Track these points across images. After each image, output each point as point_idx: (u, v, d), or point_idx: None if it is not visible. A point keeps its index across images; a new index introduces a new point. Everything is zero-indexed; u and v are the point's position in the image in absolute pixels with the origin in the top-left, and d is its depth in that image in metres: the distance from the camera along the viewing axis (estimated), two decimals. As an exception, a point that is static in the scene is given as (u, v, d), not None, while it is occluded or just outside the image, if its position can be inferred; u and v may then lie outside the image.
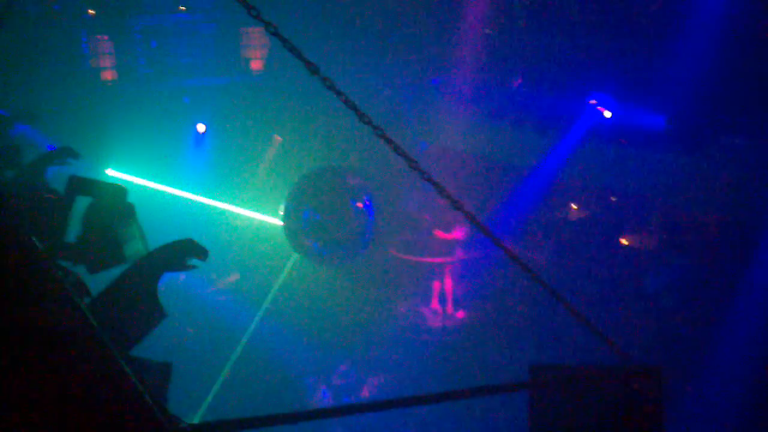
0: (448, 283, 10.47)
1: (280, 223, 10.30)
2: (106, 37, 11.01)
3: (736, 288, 8.86)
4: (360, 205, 9.99)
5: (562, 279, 8.66)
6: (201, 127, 11.10)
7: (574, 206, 10.49)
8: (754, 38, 8.88)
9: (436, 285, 10.54)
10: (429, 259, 10.46)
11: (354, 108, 4.02)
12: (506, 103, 10.34)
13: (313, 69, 3.96)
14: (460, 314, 10.44)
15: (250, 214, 10.96)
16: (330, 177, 10.24)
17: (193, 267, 4.28)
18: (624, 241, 10.04)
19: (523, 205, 10.09)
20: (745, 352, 8.55)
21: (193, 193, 10.84)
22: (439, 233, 10.43)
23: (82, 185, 4.79)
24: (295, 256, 10.36)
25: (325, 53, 9.05)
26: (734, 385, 8.40)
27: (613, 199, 10.18)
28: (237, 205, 10.96)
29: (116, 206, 4.63)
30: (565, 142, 10.02)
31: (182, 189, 10.81)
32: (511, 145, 10.42)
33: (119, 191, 4.79)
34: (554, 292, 5.47)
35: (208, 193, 10.89)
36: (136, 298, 4.10)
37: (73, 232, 4.83)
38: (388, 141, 4.18)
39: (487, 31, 10.05)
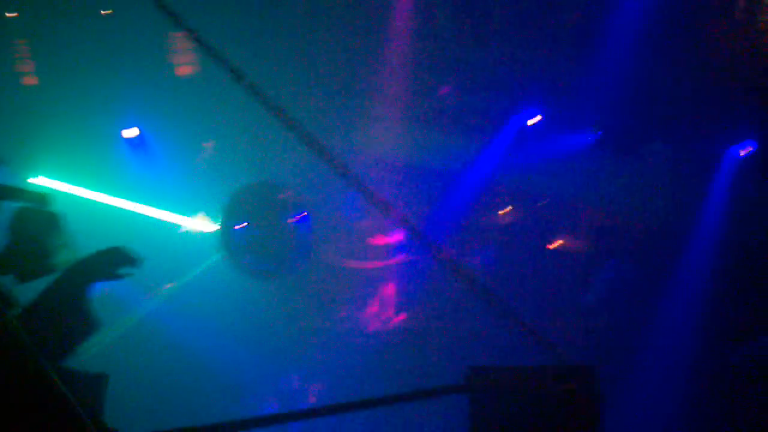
0: (386, 287, 10.52)
1: (211, 228, 10.19)
2: (24, 42, 10.72)
3: (664, 292, 9.15)
4: (294, 220, 10.03)
5: (495, 283, 8.78)
6: (129, 132, 10.87)
7: (502, 211, 10.65)
8: (675, 46, 9.20)
9: (373, 290, 10.57)
10: (366, 264, 10.50)
11: (281, 114, 4.00)
12: (434, 109, 10.44)
13: (237, 75, 3.92)
14: (399, 318, 10.51)
15: (181, 221, 10.78)
16: (263, 192, 10.26)
17: (126, 275, 4.19)
18: (553, 246, 10.26)
19: (454, 210, 10.20)
20: (672, 353, 8.84)
21: (123, 199, 10.61)
22: (375, 239, 10.47)
23: (4, 192, 4.65)
24: (217, 257, 10.27)
25: (252, 56, 9.01)
26: (664, 384, 8.68)
27: (540, 204, 10.37)
28: (168, 211, 10.77)
29: (42, 214, 4.51)
30: (493, 147, 10.18)
31: (111, 195, 10.57)
32: (440, 151, 10.53)
33: (43, 199, 4.66)
34: (488, 294, 5.55)
35: (139, 200, 10.68)
36: (67, 308, 4.00)
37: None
38: (319, 149, 4.17)
39: (412, 37, 10.14)
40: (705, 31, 9.17)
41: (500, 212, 10.58)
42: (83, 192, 10.38)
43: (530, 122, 10.07)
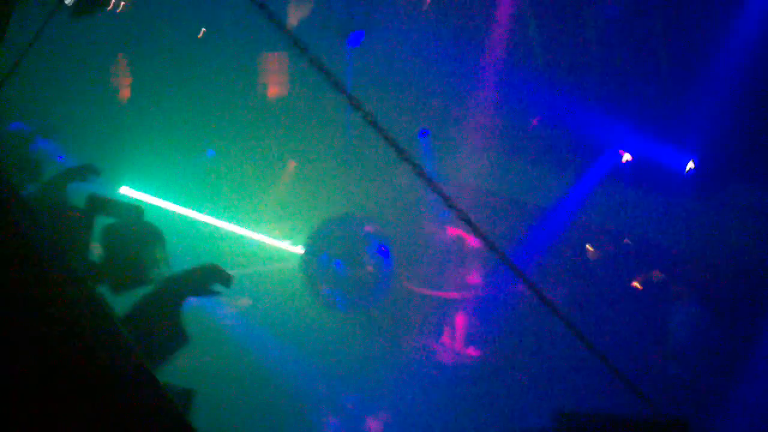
0: (461, 318, 10.37)
1: (293, 249, 10.32)
2: (122, 56, 11.05)
3: (756, 339, 8.76)
4: (377, 253, 10.06)
5: (580, 321, 8.53)
6: (211, 152, 11.10)
7: (590, 247, 10.41)
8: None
9: (448, 320, 10.43)
10: (442, 294, 10.39)
11: (395, 146, 3.93)
12: (524, 140, 10.32)
13: (356, 104, 3.87)
14: (473, 352, 10.31)
15: (262, 239, 10.90)
16: (347, 224, 10.35)
17: (217, 293, 4.21)
18: (640, 286, 9.95)
19: (540, 244, 10.01)
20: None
21: (206, 214, 10.78)
22: (456, 268, 10.36)
23: (101, 204, 4.72)
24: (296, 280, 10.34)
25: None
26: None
27: (628, 242, 10.11)
28: (250, 228, 10.90)
29: (138, 227, 4.57)
30: (583, 182, 9.97)
31: (194, 210, 10.75)
32: (529, 184, 10.39)
33: (138, 211, 4.73)
34: (573, 332, 5.34)
35: (221, 215, 10.83)
36: (160, 322, 4.02)
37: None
38: (428, 180, 4.08)
39: (505, 67, 10.06)
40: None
41: (587, 248, 10.34)
42: (168, 204, 10.59)
43: (623, 158, 9.82)
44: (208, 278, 4.10)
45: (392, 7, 10.61)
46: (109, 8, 8.94)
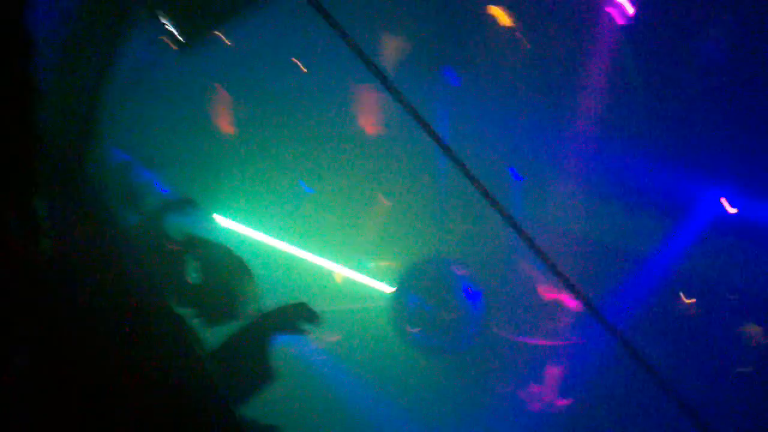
0: (551, 367, 10.12)
1: (383, 288, 10.31)
2: (223, 89, 11.36)
3: None
4: (467, 296, 9.96)
5: (677, 377, 8.20)
6: (309, 189, 11.23)
7: (687, 299, 10.02)
8: None
9: (538, 368, 10.21)
10: (532, 341, 10.18)
11: (486, 194, 3.87)
12: (621, 184, 10.08)
13: (449, 153, 3.83)
14: (563, 401, 10.04)
15: (352, 276, 10.94)
16: (438, 266, 10.25)
17: (306, 332, 4.24)
18: (746, 343, 9.50)
19: (636, 294, 9.70)
20: None
21: (298, 248, 10.90)
22: (546, 315, 10.15)
23: (197, 238, 4.84)
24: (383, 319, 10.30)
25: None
26: None
27: (732, 297, 9.69)
28: (340, 264, 10.96)
29: (230, 261, 4.65)
30: (683, 232, 9.64)
31: (287, 242, 10.88)
32: (625, 230, 10.12)
33: (231, 245, 4.82)
34: (669, 389, 5.09)
35: (313, 250, 10.93)
36: (248, 358, 4.07)
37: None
38: (518, 229, 4.00)
39: (601, 108, 9.87)
40: None
41: (686, 300, 9.95)
42: (262, 236, 10.75)
43: (727, 208, 9.45)
44: (298, 317, 4.15)
45: (487, 47, 10.59)
46: (212, 42, 9.20)
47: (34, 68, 2.07)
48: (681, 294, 9.93)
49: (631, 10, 9.33)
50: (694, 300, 9.87)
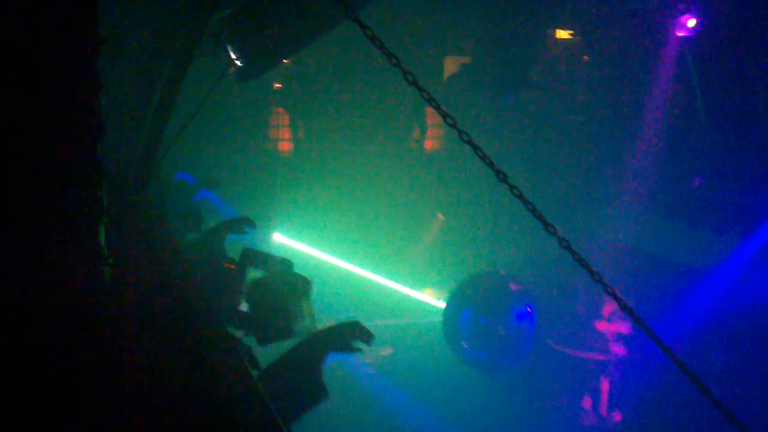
0: (605, 381, 9.99)
1: (437, 303, 10.35)
2: (282, 110, 11.60)
3: None
4: (521, 311, 9.92)
5: (733, 397, 7.99)
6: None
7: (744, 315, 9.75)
8: None
9: (592, 382, 10.09)
10: (586, 355, 10.07)
11: (540, 219, 3.92)
12: (682, 200, 9.93)
13: (503, 175, 3.88)
14: (616, 416, 9.90)
15: (407, 291, 11.02)
16: (492, 281, 10.23)
17: (358, 350, 4.29)
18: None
19: (695, 310, 9.51)
20: None
21: (353, 264, 11.03)
22: (601, 329, 10.05)
23: (254, 257, 4.97)
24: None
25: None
26: None
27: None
28: (395, 280, 11.05)
29: (286, 280, 4.76)
30: (746, 247, 9.41)
31: (342, 259, 11.02)
32: (686, 245, 9.94)
33: (287, 265, 4.93)
34: (722, 408, 5.01)
35: (367, 266, 11.04)
36: (301, 375, 4.14)
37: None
38: (573, 252, 4.02)
39: (663, 123, 9.77)
40: None
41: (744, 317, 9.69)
42: (318, 252, 10.90)
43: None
44: (351, 335, 4.21)
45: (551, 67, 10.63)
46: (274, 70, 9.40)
47: (98, 104, 2.21)
48: (743, 310, 9.70)
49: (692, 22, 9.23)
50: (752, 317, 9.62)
